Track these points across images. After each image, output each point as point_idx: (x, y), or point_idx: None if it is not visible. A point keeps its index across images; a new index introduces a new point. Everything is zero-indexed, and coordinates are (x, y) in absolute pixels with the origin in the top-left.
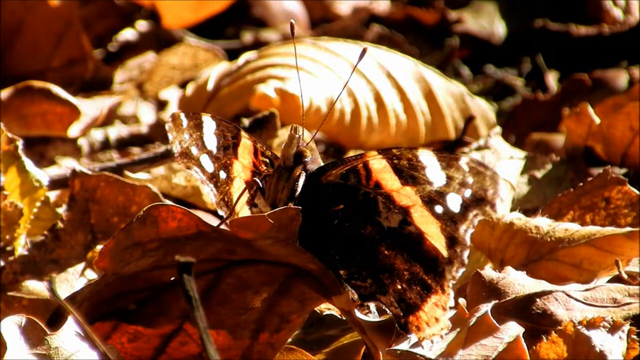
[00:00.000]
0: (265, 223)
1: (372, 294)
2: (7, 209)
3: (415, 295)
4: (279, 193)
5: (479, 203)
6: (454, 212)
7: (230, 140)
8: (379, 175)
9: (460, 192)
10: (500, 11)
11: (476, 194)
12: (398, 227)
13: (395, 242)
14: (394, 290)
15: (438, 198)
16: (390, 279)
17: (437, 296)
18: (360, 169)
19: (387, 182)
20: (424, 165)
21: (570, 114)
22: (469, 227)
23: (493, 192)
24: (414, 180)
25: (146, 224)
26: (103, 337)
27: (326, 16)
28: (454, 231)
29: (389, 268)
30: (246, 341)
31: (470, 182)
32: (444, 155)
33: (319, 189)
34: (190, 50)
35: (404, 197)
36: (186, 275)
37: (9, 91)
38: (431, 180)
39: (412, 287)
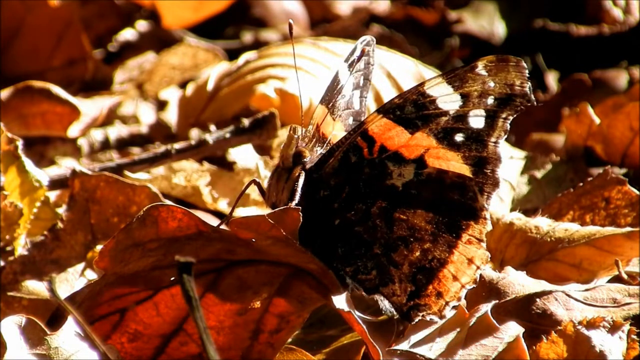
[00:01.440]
0: (265, 223)
1: (376, 287)
2: (7, 209)
3: (441, 248)
4: (279, 194)
5: (507, 102)
6: (478, 130)
7: None
8: (382, 136)
9: (481, 104)
10: (500, 11)
11: (501, 94)
12: (414, 176)
13: (413, 197)
14: (410, 263)
15: (456, 125)
16: (407, 249)
17: (470, 230)
18: (360, 142)
19: (393, 139)
20: (433, 97)
21: (570, 114)
22: (499, 136)
23: (521, 82)
24: (424, 121)
25: (146, 224)
26: (103, 337)
27: (326, 16)
28: (480, 151)
29: (406, 236)
30: (246, 341)
31: (492, 86)
32: (455, 73)
33: (319, 186)
34: (190, 50)
35: (414, 148)
36: (186, 275)
37: (9, 91)
38: (445, 109)
39: (438, 239)
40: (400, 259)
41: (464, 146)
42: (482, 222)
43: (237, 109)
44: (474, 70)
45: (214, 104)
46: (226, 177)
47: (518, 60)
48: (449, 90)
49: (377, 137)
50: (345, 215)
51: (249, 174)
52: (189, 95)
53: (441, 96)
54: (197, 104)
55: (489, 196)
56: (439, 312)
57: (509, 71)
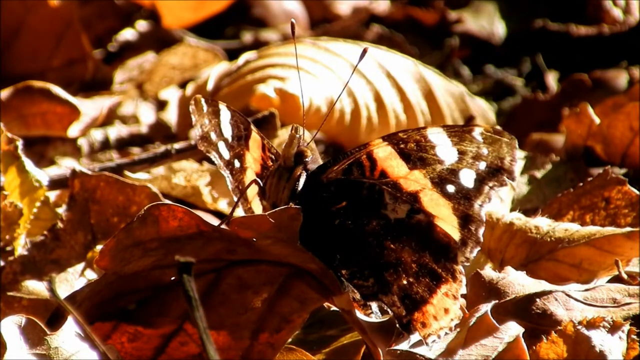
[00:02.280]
0: (265, 222)
1: (374, 294)
2: (7, 209)
3: (423, 288)
4: (280, 193)
5: (495, 174)
6: (468, 189)
7: (242, 132)
8: (385, 163)
9: (473, 166)
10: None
11: (492, 164)
12: (406, 217)
13: (402, 234)
14: (399, 286)
15: (450, 176)
16: (396, 274)
17: (448, 285)
18: (364, 160)
19: (393, 169)
20: (433, 144)
21: (570, 114)
22: (484, 201)
23: (510, 160)
24: (422, 163)
25: (147, 223)
26: (103, 336)
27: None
28: (467, 209)
29: (395, 263)
30: (246, 341)
31: (485, 153)
32: (455, 129)
33: (320, 188)
34: (190, 50)
35: (412, 183)
36: (186, 275)
37: (9, 91)
38: (442, 158)
39: (420, 279)
40: (390, 280)
41: (454, 198)
42: (458, 283)
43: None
44: (471, 133)
45: None
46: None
47: (512, 138)
48: (448, 143)
49: (380, 161)
50: (343, 222)
51: None
52: (189, 95)
53: (440, 145)
54: None
55: (471, 251)
56: (424, 337)
57: (502, 146)
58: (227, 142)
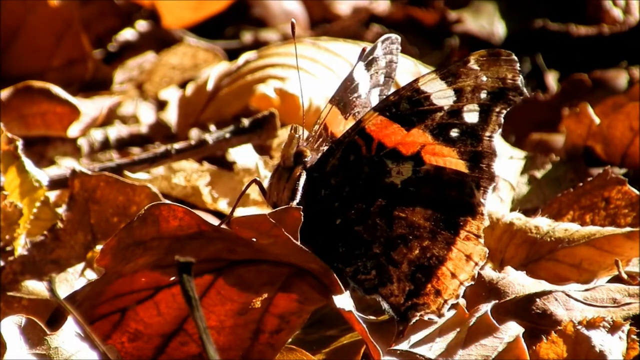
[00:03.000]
0: (266, 222)
1: (375, 287)
2: (7, 209)
3: (440, 245)
4: (280, 193)
5: (500, 96)
6: (473, 124)
7: None
8: (380, 134)
9: (474, 99)
10: (500, 11)
11: (494, 88)
12: (412, 173)
13: (411, 195)
14: (409, 261)
15: (451, 120)
16: (406, 247)
17: (467, 226)
18: (358, 141)
19: (390, 137)
20: (428, 93)
21: (570, 114)
22: (493, 130)
23: (513, 76)
24: (419, 117)
25: (147, 223)
26: (103, 336)
27: (326, 16)
28: (475, 146)
29: (405, 234)
30: (246, 341)
31: (485, 80)
32: (448, 68)
33: (319, 185)
34: (190, 50)
35: (410, 145)
36: (186, 275)
37: (9, 91)
38: (439, 104)
39: (436, 236)
40: (399, 258)
41: (459, 141)
42: (479, 218)
43: (237, 109)
44: (466, 65)
45: (214, 104)
46: (226, 177)
47: (509, 53)
48: (443, 86)
49: (375, 134)
50: (346, 214)
51: (249, 174)
52: (188, 95)
53: (435, 92)
54: (197, 104)
55: (485, 191)
56: (437, 310)
57: (501, 65)
58: None
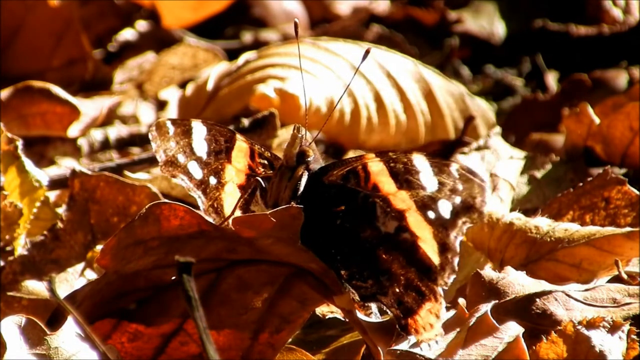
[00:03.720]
0: (267, 222)
1: (373, 295)
2: (7, 209)
3: (411, 300)
4: (282, 193)
5: (468, 210)
6: (445, 218)
7: (222, 145)
8: (377, 178)
9: (450, 199)
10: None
11: (465, 201)
12: (394, 233)
13: (392, 247)
14: (393, 292)
15: (430, 203)
16: (389, 281)
17: (431, 303)
18: (360, 171)
19: (384, 185)
20: (417, 169)
21: (570, 114)
22: (458, 233)
23: (481, 200)
24: (408, 185)
25: (148, 222)
26: (103, 336)
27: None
28: (445, 237)
29: (387, 271)
30: (246, 341)
31: (460, 189)
32: (436, 160)
33: (321, 189)
34: (190, 50)
35: (399, 201)
36: (186, 275)
37: (9, 91)
38: (424, 185)
39: (408, 292)
40: (386, 284)
41: (434, 224)
42: (439, 304)
43: (237, 109)
44: (449, 167)
45: (214, 104)
46: None
47: (482, 181)
48: (430, 172)
49: (373, 175)
50: (342, 224)
51: None
52: (188, 95)
53: (423, 172)
54: (196, 104)
55: (448, 277)
56: (418, 342)
57: (474, 186)
58: (201, 160)
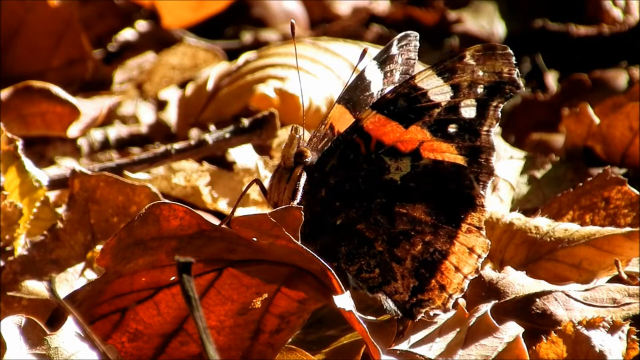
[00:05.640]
0: (267, 222)
1: (379, 285)
2: (7, 209)
3: (442, 240)
4: (281, 194)
5: (496, 90)
6: (471, 119)
7: None
8: (378, 132)
9: (471, 94)
10: (500, 11)
11: (490, 82)
12: (411, 168)
13: (411, 190)
14: (413, 257)
15: (449, 115)
16: (409, 243)
17: (468, 219)
18: (357, 139)
19: (388, 135)
20: (425, 89)
21: (570, 114)
22: (491, 124)
23: (509, 69)
24: (417, 114)
25: (148, 222)
26: (103, 336)
27: (326, 16)
28: (473, 141)
29: (408, 230)
30: (246, 341)
31: (481, 75)
32: (444, 64)
33: (320, 185)
34: (190, 50)
35: (409, 142)
36: (186, 275)
37: (9, 91)
38: (437, 101)
39: (438, 231)
40: (402, 254)
41: (457, 137)
42: (480, 210)
43: (237, 109)
44: (462, 60)
45: (214, 104)
46: (226, 177)
47: (504, 47)
48: (440, 82)
49: (373, 133)
50: (347, 213)
51: (249, 174)
52: (188, 95)
53: (432, 88)
54: (196, 104)
55: (484, 185)
56: (442, 305)
57: (497, 59)
58: None
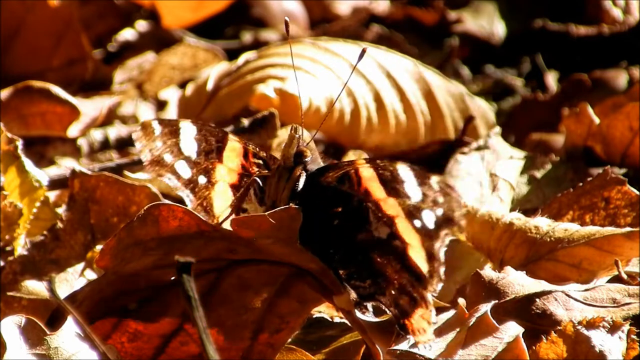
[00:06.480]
0: (266, 222)
1: (372, 295)
2: (7, 209)
3: (405, 303)
4: (280, 193)
5: (448, 222)
6: (429, 228)
7: (213, 145)
8: (368, 183)
9: (433, 210)
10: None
11: (445, 214)
12: (386, 238)
13: (385, 252)
14: (389, 294)
15: (416, 212)
16: (385, 283)
17: (422, 309)
18: (353, 175)
19: (374, 190)
20: (402, 179)
21: (570, 114)
22: (441, 244)
23: (459, 214)
24: (396, 192)
25: (147, 223)
26: (103, 336)
27: (326, 16)
28: (430, 247)
29: (383, 274)
30: (246, 341)
31: (441, 202)
32: (418, 171)
33: (318, 190)
34: (190, 50)
35: (389, 207)
36: (185, 275)
37: (9, 91)
38: (409, 194)
39: (402, 296)
40: (383, 285)
41: (421, 233)
42: (430, 311)
43: (237, 109)
44: (429, 180)
45: (214, 104)
46: None
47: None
48: (414, 182)
49: (364, 180)
50: (340, 224)
51: None
52: (188, 95)
53: (408, 182)
54: (196, 104)
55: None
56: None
57: (452, 200)
58: (190, 159)
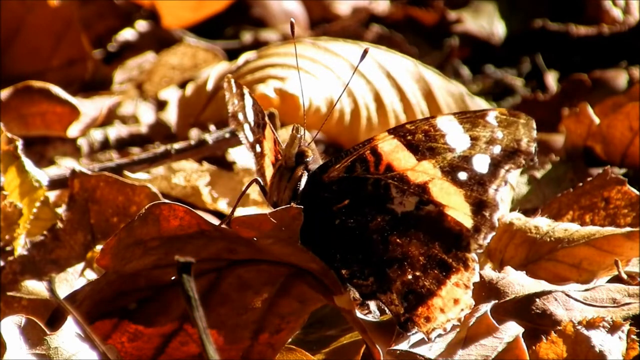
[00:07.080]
0: (267, 222)
1: (373, 293)
2: (7, 209)
3: (431, 280)
4: (281, 193)
5: (512, 156)
6: (482, 174)
7: (261, 120)
8: (390, 156)
9: (488, 151)
10: (500, 11)
11: (508, 147)
12: (414, 209)
13: (410, 227)
14: (402, 282)
15: (462, 164)
16: (400, 270)
17: (459, 275)
18: (368, 156)
19: (400, 162)
20: (443, 132)
21: (570, 114)
22: (500, 184)
23: (528, 141)
24: (432, 152)
25: (148, 222)
26: (103, 336)
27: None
28: (481, 194)
29: (400, 258)
30: (246, 341)
31: (500, 137)
32: (467, 115)
33: (321, 188)
34: (190, 50)
35: (420, 174)
36: (186, 275)
37: (9, 91)
38: (453, 146)
39: (428, 272)
40: (393, 276)
41: (466, 185)
42: (470, 272)
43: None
44: (484, 118)
45: (214, 104)
46: (226, 177)
47: (529, 119)
48: (459, 130)
49: (385, 155)
50: (345, 221)
51: (249, 174)
52: (188, 95)
53: (451, 133)
54: (196, 104)
55: (485, 237)
56: (426, 333)
57: (518, 128)
58: (250, 125)
